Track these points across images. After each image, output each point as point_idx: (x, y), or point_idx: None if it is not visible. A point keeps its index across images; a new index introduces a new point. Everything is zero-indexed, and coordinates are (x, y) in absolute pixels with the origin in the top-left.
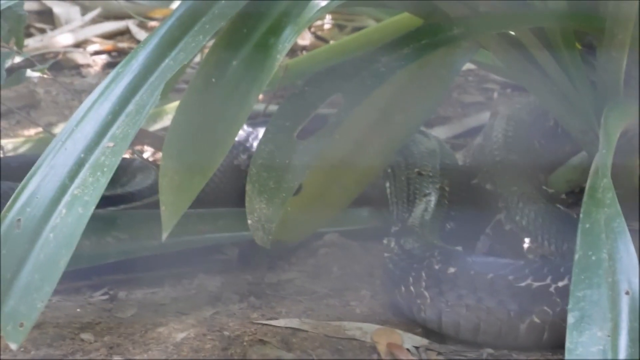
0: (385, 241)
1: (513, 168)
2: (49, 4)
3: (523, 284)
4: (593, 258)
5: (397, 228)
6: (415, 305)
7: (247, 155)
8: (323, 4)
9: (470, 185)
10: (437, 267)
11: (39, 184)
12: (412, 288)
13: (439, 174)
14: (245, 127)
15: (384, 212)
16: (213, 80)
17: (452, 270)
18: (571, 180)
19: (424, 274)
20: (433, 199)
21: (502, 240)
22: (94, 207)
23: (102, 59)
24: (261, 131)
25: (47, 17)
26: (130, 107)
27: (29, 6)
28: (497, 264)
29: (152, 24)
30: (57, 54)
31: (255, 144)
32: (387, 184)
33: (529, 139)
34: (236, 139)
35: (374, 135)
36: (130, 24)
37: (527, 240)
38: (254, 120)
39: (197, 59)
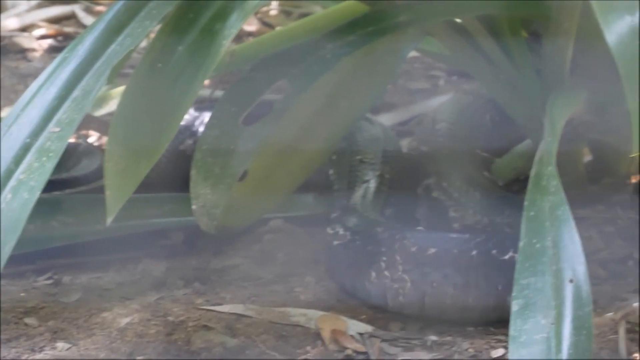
0: (330, 230)
1: (455, 154)
2: None
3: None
4: (537, 246)
5: (335, 215)
6: (389, 290)
7: (193, 140)
8: None
9: (412, 172)
10: (402, 247)
11: None
12: (380, 272)
13: (380, 161)
14: (191, 111)
15: (329, 198)
16: (159, 65)
17: (415, 249)
18: (517, 167)
19: (397, 256)
20: (372, 185)
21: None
22: (39, 192)
23: (48, 43)
24: (207, 116)
25: None
26: (76, 92)
27: None
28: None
29: (99, 8)
30: (2, 38)
31: (201, 129)
32: (331, 171)
33: (474, 127)
34: (182, 123)
35: (320, 122)
36: (77, 9)
37: (464, 215)
38: (201, 105)
39: (144, 44)
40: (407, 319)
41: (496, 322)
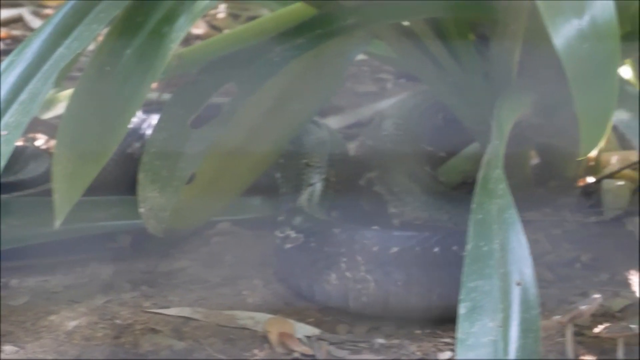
0: (280, 233)
1: (401, 158)
2: None
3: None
4: (485, 249)
5: (282, 218)
6: (351, 291)
7: (141, 143)
8: None
9: (358, 175)
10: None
11: None
12: (340, 273)
13: (326, 165)
14: (139, 114)
15: (276, 201)
16: (107, 68)
17: (376, 248)
18: (464, 171)
19: (357, 257)
20: (318, 188)
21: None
22: None
23: None
24: (156, 119)
25: None
26: (24, 96)
27: None
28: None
29: (47, 11)
30: None
31: (149, 132)
32: (278, 174)
33: (421, 129)
34: (130, 126)
35: (268, 125)
36: (24, 12)
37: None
38: (149, 108)
39: (92, 46)
40: (354, 322)
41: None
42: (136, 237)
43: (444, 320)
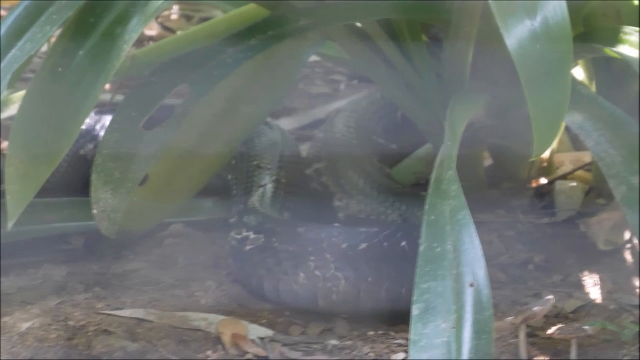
0: (237, 235)
1: (353, 158)
2: None
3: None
4: (438, 250)
5: (234, 219)
6: (321, 289)
7: (94, 144)
8: None
9: (309, 175)
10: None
11: None
12: (310, 271)
13: (277, 166)
14: (93, 115)
15: (228, 203)
16: (60, 69)
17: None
18: (417, 172)
19: (327, 255)
20: (268, 190)
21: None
22: None
23: None
24: (109, 120)
25: None
26: None
27: None
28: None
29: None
30: None
31: (102, 133)
32: (230, 176)
33: (372, 131)
34: (83, 127)
35: (220, 126)
36: None
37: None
38: (103, 109)
39: (45, 48)
40: (307, 323)
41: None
42: (89, 238)
43: (393, 315)
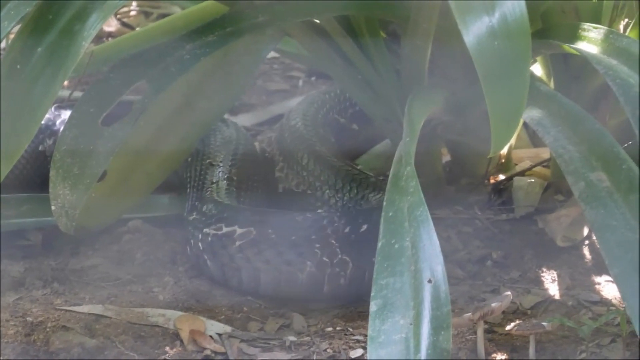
0: (199, 233)
1: (309, 155)
2: None
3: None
4: (396, 246)
5: (193, 217)
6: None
7: (54, 140)
8: None
9: (263, 172)
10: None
11: None
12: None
13: (229, 164)
14: (52, 110)
15: (183, 199)
16: (18, 66)
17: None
18: (375, 168)
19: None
20: (222, 187)
21: None
22: None
23: None
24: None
25: None
26: None
27: None
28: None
29: None
30: None
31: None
32: (186, 174)
33: (329, 127)
34: (43, 123)
35: (178, 122)
36: None
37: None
38: (63, 104)
39: (3, 44)
40: (265, 319)
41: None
42: (47, 234)
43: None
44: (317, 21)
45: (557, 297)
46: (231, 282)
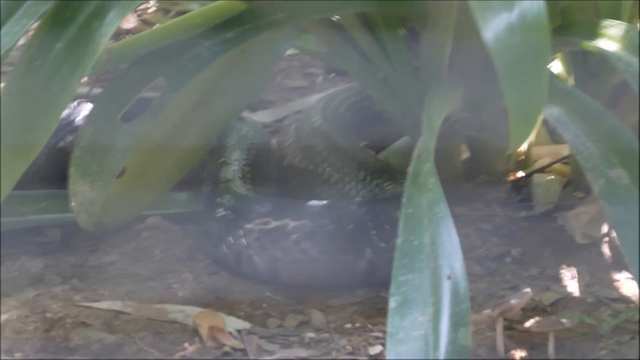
0: (239, 229)
1: (330, 152)
2: None
3: None
4: (415, 243)
5: (222, 214)
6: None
7: (74, 136)
8: None
9: (281, 169)
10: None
11: None
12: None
13: (243, 162)
14: (75, 106)
15: (200, 196)
16: (37, 63)
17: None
18: (394, 164)
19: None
20: (235, 186)
21: None
22: None
23: None
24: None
25: None
26: None
27: None
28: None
29: None
30: None
31: None
32: (204, 170)
33: (349, 123)
34: (63, 118)
35: (196, 119)
36: None
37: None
38: (84, 100)
39: (22, 41)
40: (285, 316)
41: None
42: (66, 230)
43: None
44: (336, 18)
45: (576, 294)
46: (282, 277)
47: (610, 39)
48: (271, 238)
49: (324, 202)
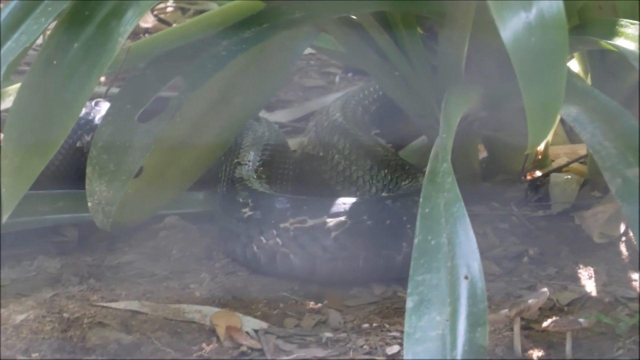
0: (273, 229)
1: (348, 151)
2: None
3: None
4: (432, 242)
5: (249, 214)
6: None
7: (91, 136)
8: None
9: (296, 169)
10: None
11: None
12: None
13: (257, 162)
14: (93, 106)
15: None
16: (54, 62)
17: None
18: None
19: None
20: (250, 185)
21: None
22: None
23: None
24: None
25: None
26: None
27: None
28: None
29: None
30: None
31: None
32: (218, 171)
33: (367, 122)
34: (82, 118)
35: (214, 119)
36: None
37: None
38: (103, 99)
39: (40, 41)
40: (302, 315)
41: None
42: (83, 230)
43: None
44: (353, 17)
45: (593, 293)
46: (320, 275)
47: (628, 38)
48: (310, 236)
49: (356, 198)
